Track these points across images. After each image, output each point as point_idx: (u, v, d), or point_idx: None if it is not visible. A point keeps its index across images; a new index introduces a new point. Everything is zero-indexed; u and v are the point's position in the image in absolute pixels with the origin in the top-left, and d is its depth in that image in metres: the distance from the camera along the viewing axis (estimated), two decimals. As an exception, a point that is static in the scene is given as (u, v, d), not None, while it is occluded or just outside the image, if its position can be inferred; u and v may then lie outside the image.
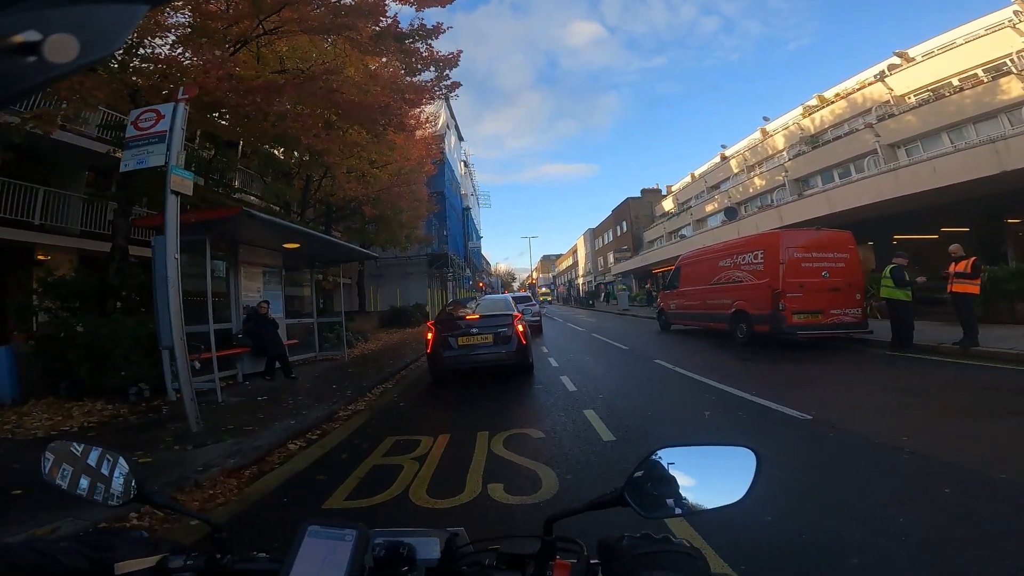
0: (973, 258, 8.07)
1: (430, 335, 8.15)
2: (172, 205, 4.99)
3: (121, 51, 7.80)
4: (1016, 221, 14.91)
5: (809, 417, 4.93)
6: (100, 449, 0.87)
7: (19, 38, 0.28)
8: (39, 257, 12.67)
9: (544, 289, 65.94)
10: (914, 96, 19.40)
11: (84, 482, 0.84)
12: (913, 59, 20.11)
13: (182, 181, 5.06)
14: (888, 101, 20.20)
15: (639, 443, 4.53)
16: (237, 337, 8.48)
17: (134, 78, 7.67)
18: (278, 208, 15.32)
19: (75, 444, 0.88)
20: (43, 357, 6.76)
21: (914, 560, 2.38)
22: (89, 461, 0.86)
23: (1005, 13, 17.06)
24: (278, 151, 13.90)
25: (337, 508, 3.37)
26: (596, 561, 0.72)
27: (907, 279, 8.72)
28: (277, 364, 8.78)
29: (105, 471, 0.84)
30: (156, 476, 3.69)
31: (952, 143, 16.75)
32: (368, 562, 0.68)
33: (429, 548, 0.76)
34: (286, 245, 9.68)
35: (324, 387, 7.85)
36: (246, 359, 8.63)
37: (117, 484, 0.83)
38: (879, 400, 5.52)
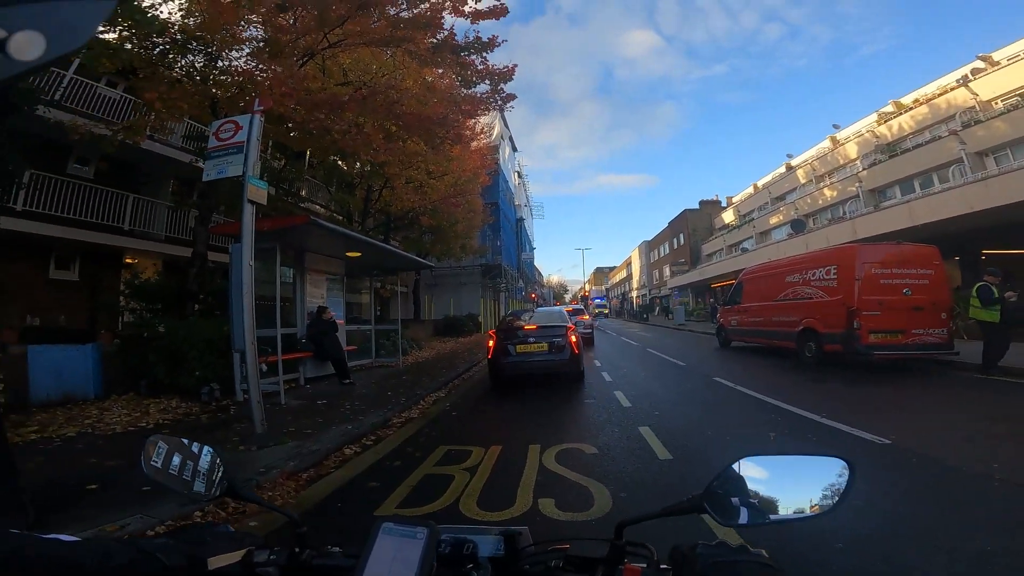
0: None
1: (491, 343, 8.82)
2: (248, 214, 5.21)
3: (202, 63, 8.42)
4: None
5: (888, 442, 4.57)
6: (194, 444, 0.91)
7: None
8: (127, 260, 13.59)
9: (598, 301, 64.11)
10: (1002, 101, 18.05)
11: (178, 475, 0.88)
12: (998, 63, 18.86)
13: (257, 191, 5.28)
14: (973, 107, 18.89)
15: (697, 463, 4.32)
16: (301, 342, 8.83)
17: (214, 90, 8.25)
18: (341, 217, 15.95)
19: (171, 438, 0.92)
20: (126, 356, 7.28)
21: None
22: (183, 455, 0.90)
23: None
24: (341, 162, 14.53)
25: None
26: (667, 567, 0.69)
27: (995, 297, 8.00)
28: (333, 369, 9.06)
29: (198, 465, 0.89)
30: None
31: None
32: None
33: (492, 546, 0.77)
34: (349, 253, 10.04)
35: (380, 393, 8.04)
36: (308, 363, 8.99)
37: (209, 478, 0.87)
38: (965, 426, 5.06)
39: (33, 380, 6.48)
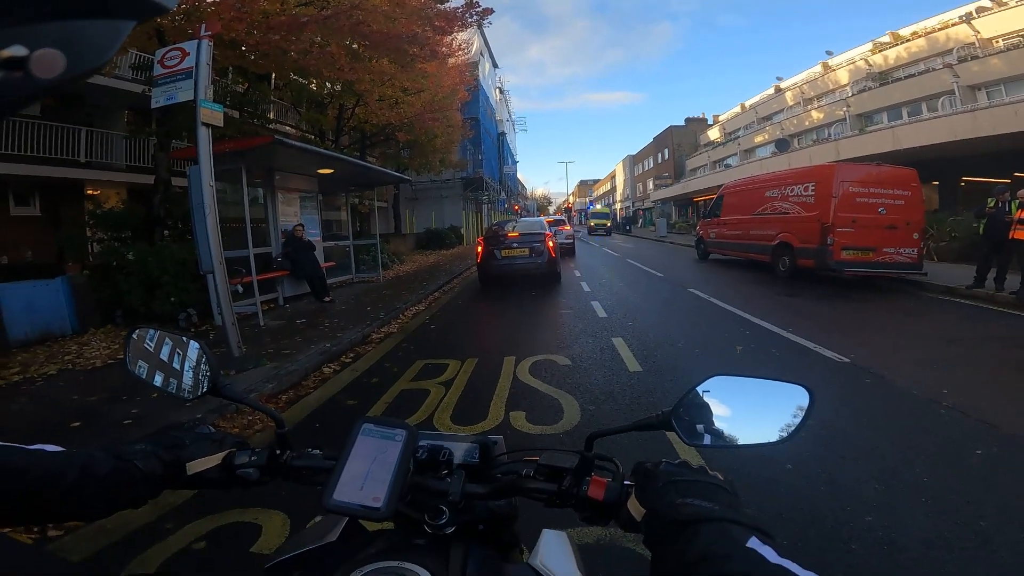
0: None
1: (479, 248, 10.17)
2: (203, 136, 5.14)
3: None
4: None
5: (847, 360, 4.75)
6: (179, 338, 0.87)
7: (6, 53, 0.27)
8: (88, 192, 13.38)
9: (598, 207, 53.42)
10: (1003, 40, 18.36)
11: (168, 362, 0.86)
12: (1005, 3, 18.76)
13: (212, 114, 5.20)
14: (972, 43, 19.14)
15: (665, 376, 4.50)
16: (276, 261, 8.73)
17: (157, 19, 7.49)
18: (313, 136, 15.29)
19: (154, 332, 0.88)
20: (97, 287, 7.10)
21: (929, 521, 2.25)
22: (173, 343, 0.87)
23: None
24: (309, 82, 13.73)
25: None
26: (630, 483, 0.70)
27: (985, 209, 8.02)
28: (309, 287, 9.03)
29: (178, 363, 0.85)
30: (200, 402, 3.91)
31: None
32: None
33: (468, 453, 0.79)
34: (320, 170, 9.69)
35: (359, 309, 8.09)
36: (286, 282, 8.93)
37: (193, 376, 0.84)
38: (925, 348, 5.16)
39: (8, 319, 6.27)
